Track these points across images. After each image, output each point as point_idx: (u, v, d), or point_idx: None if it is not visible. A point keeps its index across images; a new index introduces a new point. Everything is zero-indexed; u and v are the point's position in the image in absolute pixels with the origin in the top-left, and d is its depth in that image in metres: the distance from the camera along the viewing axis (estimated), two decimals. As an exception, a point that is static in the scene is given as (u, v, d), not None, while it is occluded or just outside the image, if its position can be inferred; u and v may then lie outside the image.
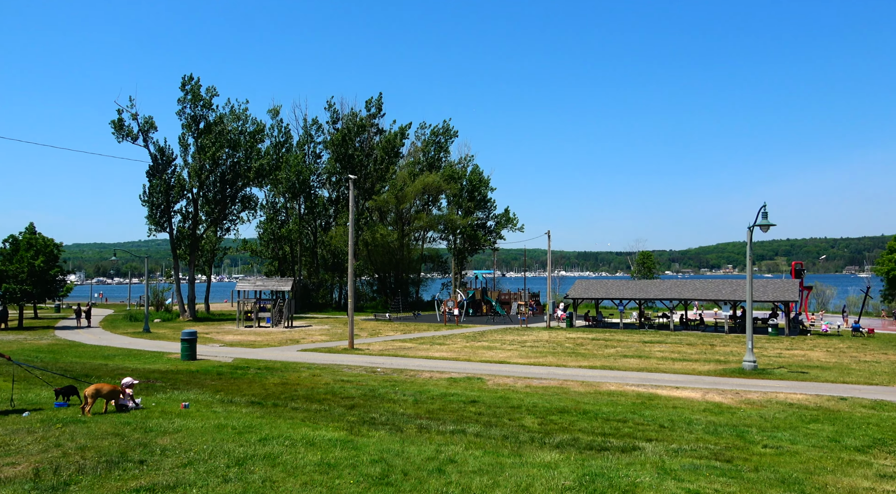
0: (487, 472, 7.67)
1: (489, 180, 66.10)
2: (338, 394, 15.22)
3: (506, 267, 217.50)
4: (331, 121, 59.93)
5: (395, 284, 62.49)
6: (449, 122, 66.34)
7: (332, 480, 7.17)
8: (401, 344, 28.72)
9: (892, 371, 20.20)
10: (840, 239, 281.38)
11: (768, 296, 34.95)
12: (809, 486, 7.53)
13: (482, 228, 66.52)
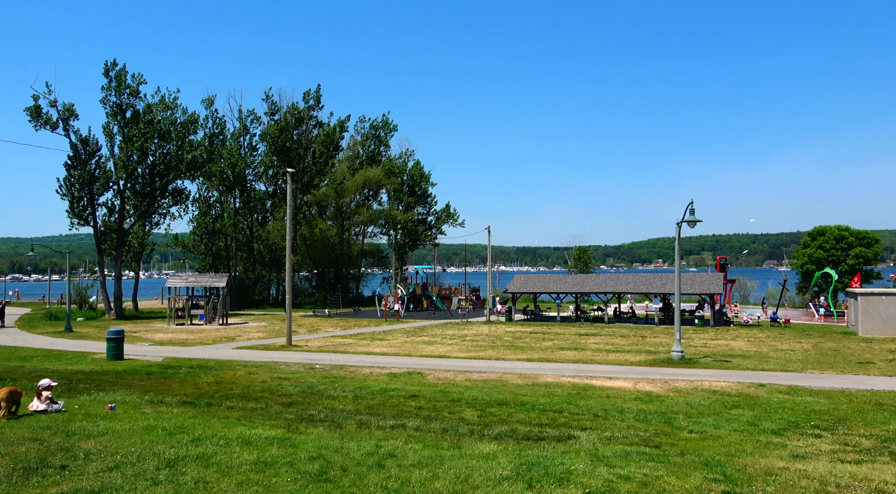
0: (427, 465, 7.72)
1: (430, 175, 66.21)
2: (275, 392, 14.92)
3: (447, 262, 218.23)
4: (269, 113, 58.39)
5: (334, 280, 61.69)
6: (388, 116, 65.95)
7: (269, 479, 7.03)
8: (340, 340, 28.41)
9: (806, 358, 21.63)
10: (760, 235, 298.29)
11: (695, 290, 36.67)
12: (730, 468, 7.98)
13: (423, 223, 66.60)
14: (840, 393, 14.79)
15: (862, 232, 49.80)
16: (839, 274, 45.25)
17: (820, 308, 43.69)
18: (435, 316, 45.15)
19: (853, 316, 32.42)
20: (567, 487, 6.84)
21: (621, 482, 7.11)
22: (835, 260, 48.63)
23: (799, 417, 12.12)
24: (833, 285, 42.31)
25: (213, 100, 57.33)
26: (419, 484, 6.88)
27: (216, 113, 57.45)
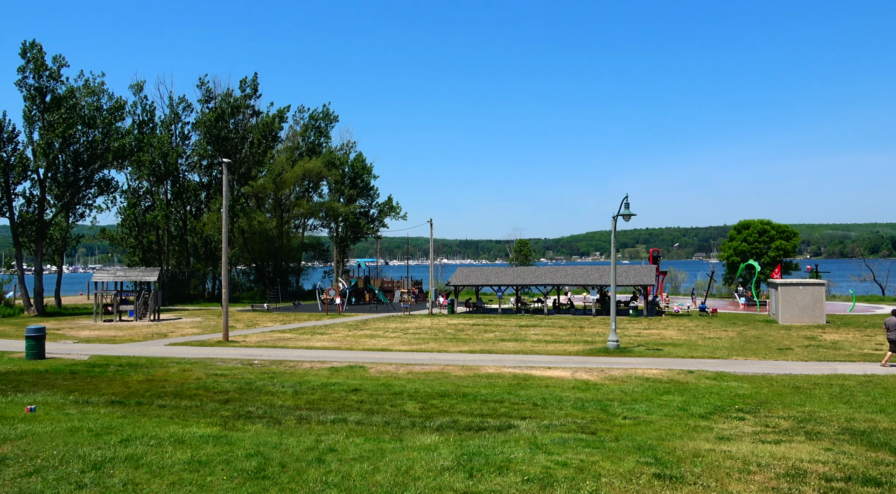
0: (368, 458, 7.68)
1: (372, 167, 65.61)
2: (211, 389, 14.46)
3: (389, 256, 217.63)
4: (202, 101, 56.23)
5: (273, 273, 60.31)
6: (329, 107, 64.94)
7: (204, 478, 6.81)
8: (280, 335, 27.83)
9: (731, 346, 22.80)
10: (690, 228, 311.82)
11: (630, 281, 37.99)
12: (661, 451, 8.32)
13: (365, 216, 65.98)
14: (762, 378, 15.67)
15: (782, 226, 52.83)
16: (761, 266, 47.88)
17: (741, 297, 46.18)
18: (377, 309, 44.90)
19: (774, 305, 34.40)
20: (506, 475, 6.96)
21: (559, 468, 7.29)
22: (758, 252, 51.39)
23: (724, 401, 12.76)
24: (756, 276, 44.74)
25: (141, 86, 54.70)
26: (360, 478, 6.84)
27: (145, 99, 54.89)
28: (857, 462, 7.87)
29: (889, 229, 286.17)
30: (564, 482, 6.74)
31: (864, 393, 13.48)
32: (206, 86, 56.24)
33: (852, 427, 10.18)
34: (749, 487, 6.71)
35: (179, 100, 56.26)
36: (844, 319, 34.09)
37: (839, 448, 8.70)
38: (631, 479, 6.89)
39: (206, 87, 56.20)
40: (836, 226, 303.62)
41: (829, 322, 32.01)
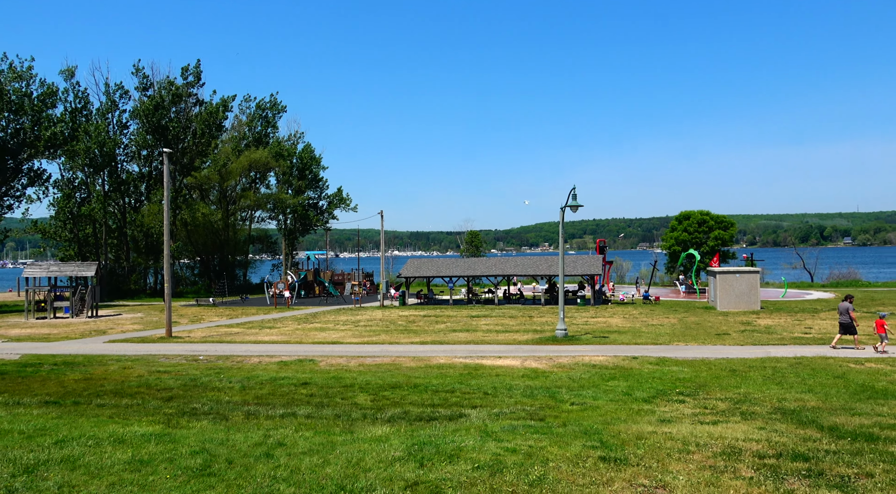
0: (318, 452, 7.60)
1: (321, 158, 64.64)
2: (153, 387, 13.99)
3: (339, 248, 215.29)
4: (140, 88, 53.95)
5: (219, 267, 58.69)
6: (276, 96, 63.46)
7: (145, 477, 6.60)
8: (226, 330, 27.15)
9: (673, 332, 23.66)
10: (635, 219, 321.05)
11: (578, 271, 38.83)
12: (606, 434, 8.58)
13: (314, 208, 64.97)
14: (701, 362, 16.34)
15: (720, 216, 55.04)
16: (701, 255, 49.78)
17: (681, 285, 47.93)
18: (328, 302, 44.38)
19: (712, 292, 35.86)
20: (457, 463, 7.03)
21: (508, 454, 7.42)
22: (698, 242, 53.41)
23: (666, 385, 13.24)
24: (696, 265, 46.50)
25: (73, 72, 52.01)
26: (309, 472, 6.77)
27: (77, 85, 52.28)
28: (788, 440, 8.32)
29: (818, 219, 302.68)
30: (514, 468, 6.86)
31: (794, 374, 14.23)
32: (143, 73, 53.97)
33: (783, 407, 10.75)
34: (688, 466, 7.00)
35: (116, 87, 53.87)
36: (777, 305, 35.88)
37: (771, 427, 9.17)
38: (577, 463, 7.07)
39: (142, 74, 53.93)
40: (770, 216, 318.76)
41: (763, 308, 33.61)
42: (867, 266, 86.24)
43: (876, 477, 6.59)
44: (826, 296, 42.65)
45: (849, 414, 10.06)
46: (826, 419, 9.69)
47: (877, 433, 8.68)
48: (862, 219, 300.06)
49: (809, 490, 6.16)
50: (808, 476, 6.66)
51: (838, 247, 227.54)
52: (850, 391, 12.21)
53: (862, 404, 10.95)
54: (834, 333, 22.38)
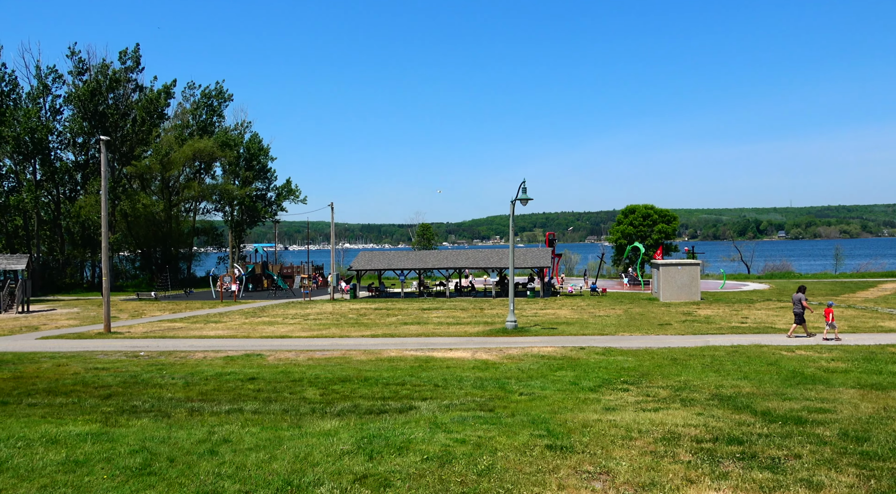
0: (265, 447, 7.47)
1: (269, 149, 63.20)
2: (90, 384, 13.41)
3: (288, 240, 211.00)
4: (75, 72, 51.35)
5: (162, 260, 56.71)
6: (222, 84, 61.61)
7: (81, 478, 6.33)
8: (170, 325, 26.29)
9: (618, 323, 24.33)
10: (584, 212, 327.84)
11: (527, 263, 39.40)
12: (553, 423, 8.76)
13: (262, 199, 63.52)
14: (644, 352, 16.87)
15: (663, 210, 56.82)
16: (645, 248, 51.32)
17: (625, 277, 49.32)
18: (276, 295, 43.57)
19: (656, 284, 37.05)
20: (406, 455, 7.03)
21: (457, 445, 7.48)
22: (642, 235, 55.00)
23: (611, 374, 13.61)
24: (641, 257, 47.90)
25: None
26: (255, 467, 6.64)
27: (4, 67, 49.33)
28: (724, 424, 8.69)
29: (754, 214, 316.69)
30: (462, 458, 6.92)
31: (731, 362, 14.87)
32: (79, 57, 51.42)
33: (720, 394, 11.23)
34: (630, 452, 7.22)
35: (49, 70, 51.12)
36: (716, 296, 37.40)
37: (709, 413, 9.57)
38: (525, 452, 7.19)
39: (78, 58, 51.35)
40: (710, 210, 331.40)
41: (703, 298, 34.97)
42: (799, 258, 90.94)
43: (803, 458, 6.97)
44: (761, 287, 44.73)
45: (780, 399, 10.59)
46: (759, 404, 10.18)
47: (805, 416, 9.18)
48: (795, 213, 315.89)
49: (743, 473, 6.46)
50: (742, 458, 6.98)
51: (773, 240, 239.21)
52: (782, 377, 12.86)
53: (792, 389, 11.55)
54: (768, 322, 23.51)
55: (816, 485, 6.03)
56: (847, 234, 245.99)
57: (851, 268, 65.85)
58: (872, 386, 11.71)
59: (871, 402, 10.28)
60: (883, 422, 8.72)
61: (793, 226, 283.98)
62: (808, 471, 6.48)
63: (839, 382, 12.18)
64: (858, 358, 15.06)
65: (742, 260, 67.26)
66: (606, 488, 6.03)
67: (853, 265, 68.51)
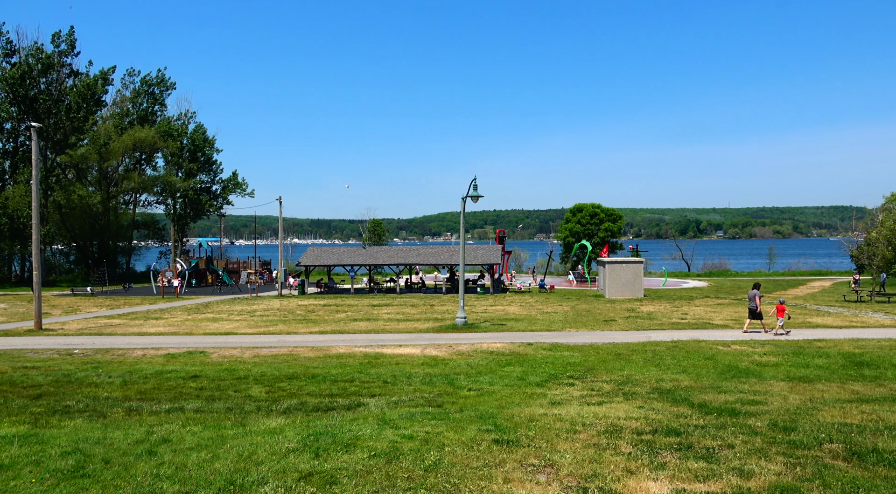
0: (206, 447, 7.27)
1: (214, 140, 61.32)
2: (18, 384, 12.73)
3: (235, 235, 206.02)
4: (2, 54, 48.46)
5: (99, 254, 54.32)
6: (164, 72, 59.27)
7: (6, 483, 6.00)
8: (107, 321, 25.22)
9: (565, 319, 24.83)
10: (533, 210, 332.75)
11: (478, 260, 39.69)
12: (500, 418, 8.87)
13: (207, 192, 61.60)
14: (590, 347, 17.28)
15: (609, 209, 58.32)
16: (592, 246, 52.55)
17: (570, 273, 50.40)
18: (221, 291, 42.42)
19: (601, 281, 37.99)
20: (353, 452, 6.99)
21: (405, 441, 7.48)
22: (589, 233, 56.30)
23: (558, 369, 13.89)
24: (588, 255, 49.02)
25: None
26: (196, 468, 6.46)
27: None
28: (663, 417, 9.01)
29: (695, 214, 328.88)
30: (410, 454, 6.92)
31: (671, 356, 15.42)
32: (7, 38, 48.54)
33: (661, 387, 11.63)
34: (574, 445, 7.39)
35: (-26, 51, 48.02)
36: (658, 293, 38.67)
37: (649, 406, 9.89)
38: (472, 446, 7.26)
39: (6, 39, 48.48)
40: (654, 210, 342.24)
41: (646, 295, 36.09)
42: (736, 257, 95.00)
43: (736, 448, 7.30)
44: (700, 285, 46.52)
45: (716, 392, 11.05)
46: (696, 397, 10.59)
47: (738, 408, 9.61)
48: (732, 214, 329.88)
49: (679, 463, 6.71)
50: (679, 449, 7.25)
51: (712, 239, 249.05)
52: (718, 371, 13.42)
53: (727, 382, 12.08)
54: (706, 318, 24.49)
55: (747, 473, 6.33)
56: (780, 234, 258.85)
57: (783, 267, 69.34)
58: (800, 379, 12.38)
59: (798, 394, 10.85)
60: (809, 413, 9.22)
61: (730, 226, 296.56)
62: (739, 460, 6.79)
63: (770, 375, 12.81)
64: (788, 352, 15.88)
65: (683, 259, 69.78)
66: (550, 480, 6.16)
67: (785, 264, 72.16)
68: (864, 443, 7.39)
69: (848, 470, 6.44)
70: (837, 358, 14.95)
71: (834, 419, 8.78)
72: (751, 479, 6.17)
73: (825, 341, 18.04)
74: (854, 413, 9.15)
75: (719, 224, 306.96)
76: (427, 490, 5.88)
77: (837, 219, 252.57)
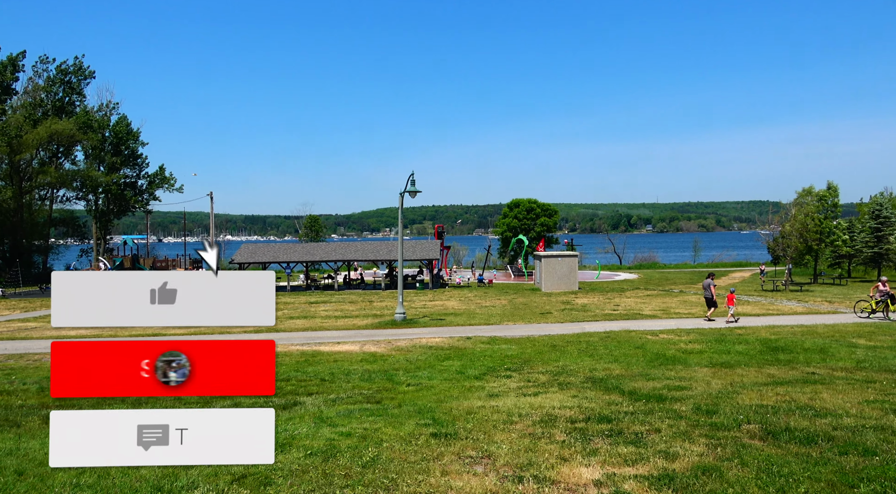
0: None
1: (139, 133, 58.44)
2: (-81, 395, 11.74)
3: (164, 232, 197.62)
4: None
5: (11, 253, 50.78)
6: (81, 60, 55.87)
7: None
8: (20, 325, 23.65)
9: (503, 312, 25.22)
10: (472, 205, 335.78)
11: (417, 256, 39.70)
12: (439, 412, 8.92)
13: (132, 187, 58.67)
14: (527, 339, 17.63)
15: (545, 204, 59.56)
16: (529, 240, 53.55)
17: (509, 268, 51.23)
18: (148, 291, 40.53)
19: (538, 275, 38.80)
20: (289, 452, 6.85)
21: (343, 439, 7.40)
22: (526, 228, 57.31)
23: (496, 362, 14.10)
24: (525, 249, 49.93)
25: None
26: (121, 475, 6.16)
27: None
28: (595, 405, 9.31)
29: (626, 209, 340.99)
30: (347, 451, 6.86)
31: (603, 346, 15.95)
32: None
33: (594, 376, 12.00)
34: (510, 435, 7.53)
35: None
36: (592, 285, 39.87)
37: (583, 395, 10.20)
38: (410, 441, 7.27)
39: None
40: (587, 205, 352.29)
41: (580, 288, 37.14)
42: (663, 250, 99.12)
43: (662, 432, 7.63)
44: (631, 277, 48.31)
45: (645, 379, 11.51)
46: (627, 384, 11.00)
47: (665, 394, 10.05)
48: (661, 209, 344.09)
49: (610, 448, 6.96)
50: (609, 435, 7.51)
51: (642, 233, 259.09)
52: (647, 359, 13.99)
53: (655, 370, 12.61)
54: (637, 309, 25.46)
55: (672, 456, 6.63)
56: (704, 228, 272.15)
57: (707, 259, 72.94)
58: (722, 365, 13.07)
59: (720, 379, 11.46)
60: (729, 396, 9.75)
61: (659, 221, 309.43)
62: (665, 443, 7.10)
63: (695, 362, 13.47)
64: (711, 339, 16.74)
65: (615, 252, 72.22)
66: (487, 471, 6.25)
67: (709, 256, 75.93)
68: (778, 423, 7.89)
69: (763, 449, 6.86)
70: (755, 344, 15.88)
71: (752, 401, 9.32)
72: (675, 461, 6.47)
73: (745, 328, 19.13)
74: (770, 396, 9.75)
75: (649, 218, 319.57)
76: (365, 486, 5.84)
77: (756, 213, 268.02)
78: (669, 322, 21.24)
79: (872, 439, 7.11)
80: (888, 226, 42.60)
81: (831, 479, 5.87)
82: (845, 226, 42.99)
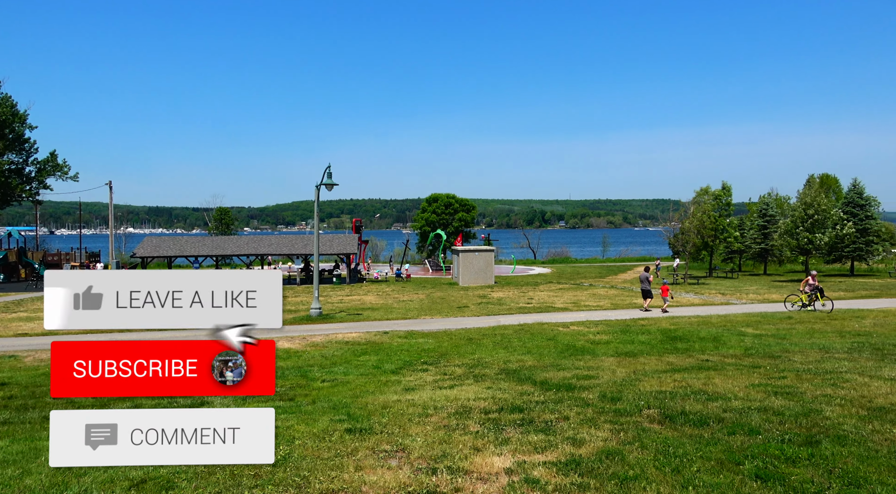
0: (16, 462, 6.40)
1: (27, 115, 53.53)
2: None
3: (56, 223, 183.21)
4: None
5: None
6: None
7: None
8: None
9: (421, 307, 25.31)
10: (390, 200, 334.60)
11: (334, 250, 39.04)
12: (354, 407, 8.83)
13: (18, 174, 53.70)
14: (444, 333, 17.80)
15: (463, 199, 60.28)
16: (447, 235, 54.02)
17: (427, 262, 51.51)
18: (38, 287, 37.45)
19: (456, 269, 39.25)
20: (195, 454, 6.56)
21: (253, 438, 7.16)
22: (444, 222, 57.77)
23: (413, 356, 14.14)
24: (443, 244, 50.32)
25: None
26: (3, 487, 5.67)
27: None
28: (509, 396, 9.55)
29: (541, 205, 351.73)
30: (258, 451, 6.64)
31: (517, 339, 16.38)
32: None
33: (508, 368, 12.30)
34: (426, 428, 7.58)
35: None
36: (507, 279, 40.82)
37: (497, 386, 10.43)
38: (324, 437, 7.15)
39: None
40: (504, 201, 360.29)
41: (497, 282, 37.92)
42: (575, 245, 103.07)
43: (570, 419, 7.95)
44: (545, 271, 49.86)
45: (556, 370, 11.94)
46: (539, 375, 11.36)
47: (574, 383, 10.47)
48: (573, 205, 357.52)
49: (521, 437, 7.16)
50: (521, 424, 7.73)
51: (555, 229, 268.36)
52: (558, 350, 14.51)
53: (566, 360, 13.10)
54: (549, 302, 26.31)
55: (579, 442, 6.93)
56: (612, 225, 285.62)
57: (615, 254, 76.62)
58: (626, 354, 13.78)
59: (624, 368, 12.08)
60: (632, 384, 10.30)
61: (571, 217, 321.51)
62: (573, 430, 7.40)
63: (602, 352, 14.11)
64: (617, 330, 17.60)
65: (530, 247, 74.29)
66: (402, 464, 6.26)
67: (616, 251, 79.80)
68: (675, 407, 8.42)
69: (661, 432, 7.30)
70: (657, 334, 16.85)
71: (652, 388, 9.89)
72: (582, 446, 6.75)
73: (647, 319, 20.26)
74: (668, 382, 10.38)
75: (562, 215, 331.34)
76: (275, 485, 5.69)
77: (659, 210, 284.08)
78: (580, 314, 22.13)
79: (757, 419, 7.74)
80: (773, 223, 46.45)
81: (720, 458, 6.33)
82: (737, 224, 46.41)
